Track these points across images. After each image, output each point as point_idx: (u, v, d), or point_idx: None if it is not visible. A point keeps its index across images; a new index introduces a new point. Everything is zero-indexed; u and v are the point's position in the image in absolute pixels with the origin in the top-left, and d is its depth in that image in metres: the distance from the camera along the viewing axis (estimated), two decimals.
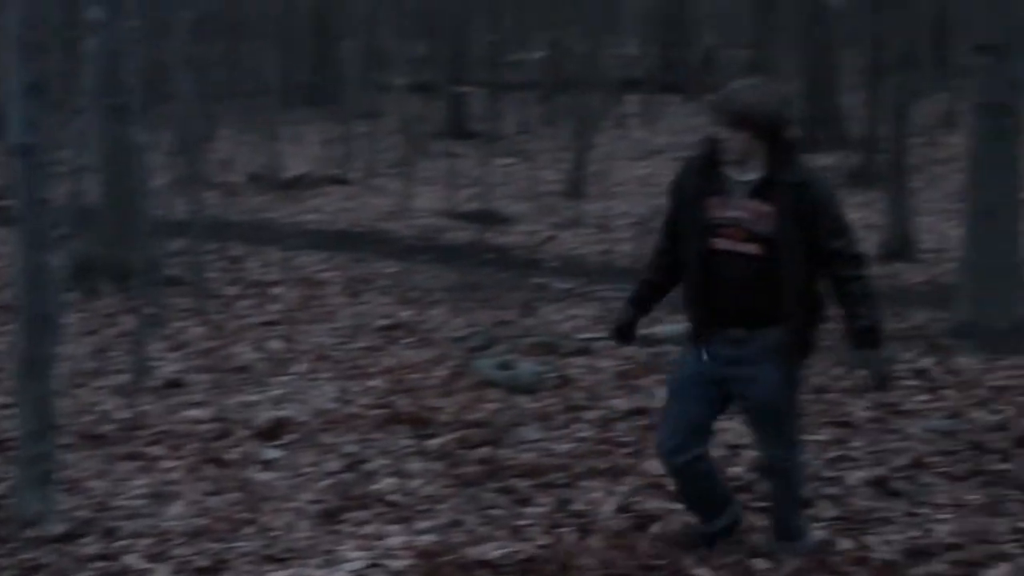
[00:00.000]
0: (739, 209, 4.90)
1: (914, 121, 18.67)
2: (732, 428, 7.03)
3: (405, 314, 10.99)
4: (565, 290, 12.41)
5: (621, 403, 7.72)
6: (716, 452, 6.59)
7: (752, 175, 4.90)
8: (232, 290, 11.88)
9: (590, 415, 7.52)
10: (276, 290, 11.83)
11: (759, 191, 4.88)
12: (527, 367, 8.42)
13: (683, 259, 5.10)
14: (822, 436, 6.82)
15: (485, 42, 28.83)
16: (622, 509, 5.84)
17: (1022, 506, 5.73)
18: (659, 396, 7.83)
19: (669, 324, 10.02)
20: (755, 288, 4.90)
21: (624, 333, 5.42)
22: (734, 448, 6.59)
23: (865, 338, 4.95)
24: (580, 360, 9.04)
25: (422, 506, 5.98)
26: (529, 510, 5.89)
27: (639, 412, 7.47)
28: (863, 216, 18.09)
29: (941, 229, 14.90)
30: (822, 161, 21.90)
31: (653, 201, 19.31)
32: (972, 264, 9.44)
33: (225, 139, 22.36)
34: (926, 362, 8.58)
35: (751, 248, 4.89)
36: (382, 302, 11.61)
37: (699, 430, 5.16)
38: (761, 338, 4.95)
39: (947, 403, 7.55)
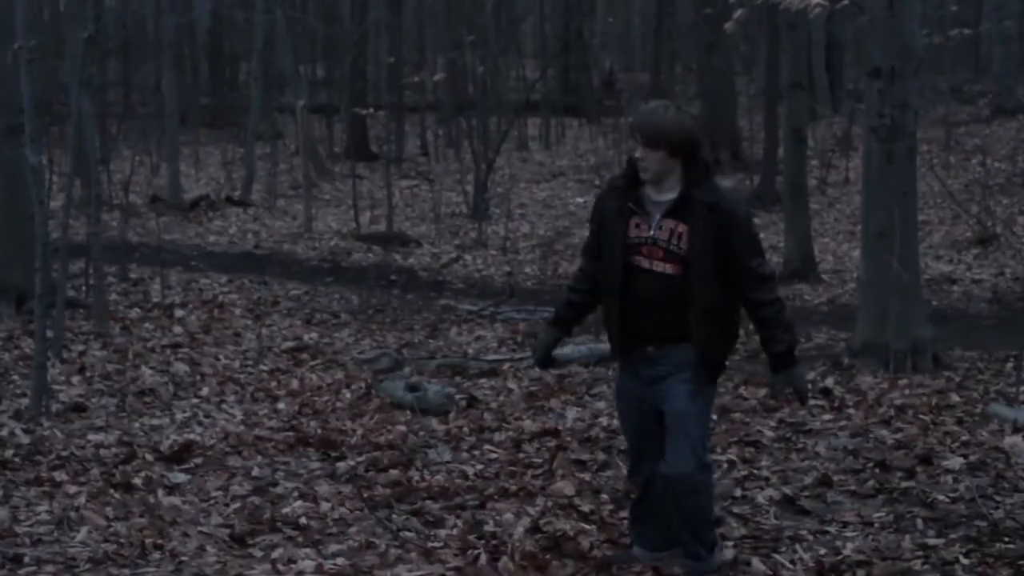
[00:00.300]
0: (656, 229, 4.95)
1: (811, 144, 18.99)
2: None
3: (311, 336, 10.93)
4: (471, 312, 12.42)
5: (530, 424, 7.74)
6: (625, 473, 6.65)
7: (669, 195, 4.95)
8: (134, 313, 11.72)
9: (500, 436, 7.53)
10: (180, 312, 11.70)
11: (674, 211, 4.93)
12: (435, 389, 8.41)
13: (603, 278, 5.13)
14: (730, 456, 6.90)
15: (385, 64, 28.79)
16: (533, 530, 5.84)
17: (927, 523, 5.82)
18: (569, 416, 7.90)
19: (575, 345, 10.11)
20: (670, 306, 4.94)
21: (547, 356, 5.44)
22: None
23: (783, 361, 5.01)
24: (488, 381, 9.06)
25: (332, 529, 5.94)
26: (441, 532, 5.87)
27: (549, 433, 7.49)
28: (763, 238, 18.36)
29: (841, 250, 15.15)
30: (722, 183, 22.17)
31: (556, 223, 19.45)
32: (870, 285, 9.59)
33: (124, 160, 22.08)
34: (830, 381, 8.71)
35: (667, 267, 4.94)
36: (288, 324, 11.54)
37: (648, 449, 5.17)
38: (674, 354, 4.99)
39: (851, 422, 7.67)
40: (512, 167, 24.76)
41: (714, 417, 5.31)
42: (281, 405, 8.43)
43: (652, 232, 4.96)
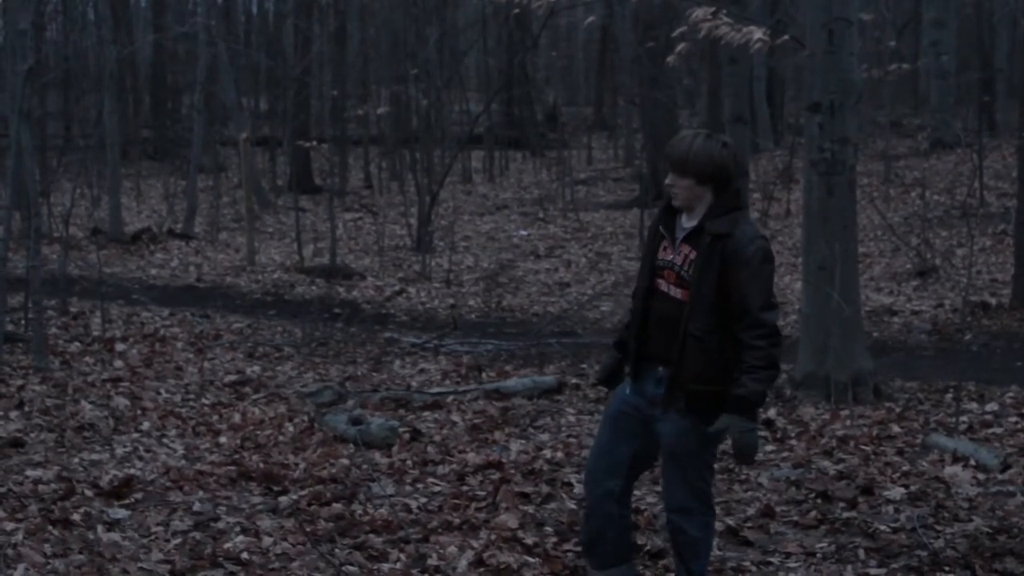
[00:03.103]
0: (675, 253, 4.98)
1: (753, 177, 19.14)
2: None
3: (254, 370, 10.86)
4: (415, 344, 12.39)
5: (474, 457, 7.72)
6: (569, 506, 6.65)
7: (695, 222, 4.97)
8: (74, 347, 11.61)
9: (443, 469, 7.51)
10: (120, 346, 11.59)
11: (690, 237, 4.95)
12: (378, 422, 8.37)
13: (634, 295, 5.19)
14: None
15: (329, 96, 28.80)
16: (477, 563, 5.83)
17: (868, 553, 5.86)
18: (513, 449, 7.89)
19: (517, 378, 10.12)
20: (677, 330, 4.93)
21: (611, 378, 5.32)
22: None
23: (735, 405, 4.82)
24: (432, 414, 9.03)
25: (275, 564, 5.89)
26: (384, 566, 5.84)
27: (492, 466, 7.48)
28: None
29: (783, 282, 15.25)
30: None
31: (500, 255, 19.47)
32: (811, 317, 9.66)
33: (65, 193, 21.90)
34: (772, 413, 8.76)
35: (678, 292, 4.95)
36: (230, 358, 11.46)
37: (616, 465, 5.12)
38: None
39: (794, 453, 7.72)
40: (456, 200, 24.79)
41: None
42: (223, 439, 8.36)
43: (672, 256, 4.98)
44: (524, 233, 22.00)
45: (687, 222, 4.99)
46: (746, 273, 4.79)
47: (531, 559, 5.83)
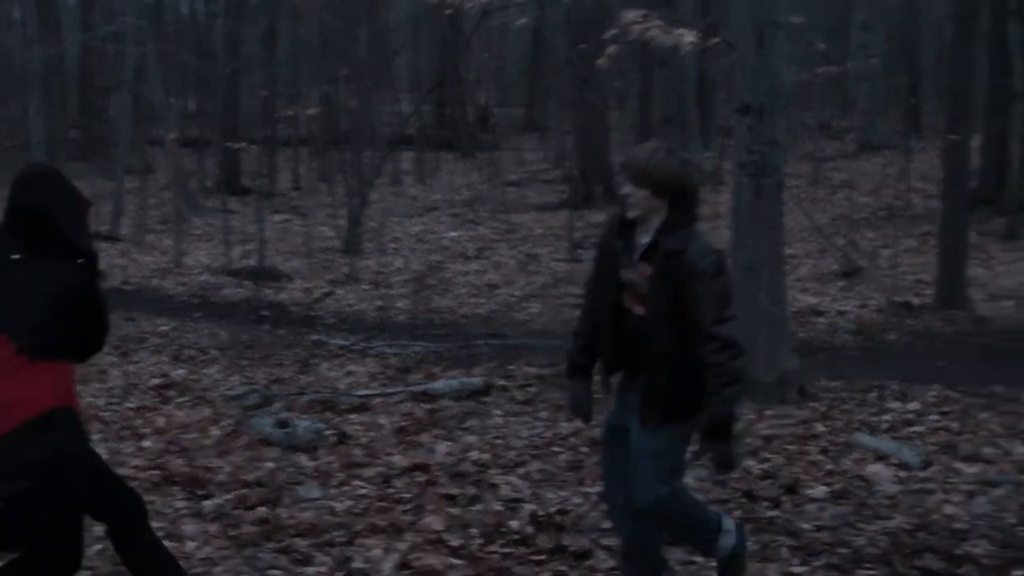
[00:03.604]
0: (634, 270, 4.97)
1: None
2: (510, 482, 7.11)
3: (179, 373, 10.76)
4: (342, 347, 12.34)
5: (400, 459, 7.69)
6: (495, 507, 6.65)
7: (649, 236, 4.95)
8: None
9: (369, 472, 7.47)
10: None
11: (646, 254, 4.94)
12: (305, 425, 8.32)
13: (600, 312, 5.13)
14: (600, 487, 6.91)
15: (258, 97, 28.64)
16: (402, 566, 5.81)
17: (792, 551, 5.90)
18: (439, 451, 7.87)
19: (445, 380, 10.10)
20: (645, 349, 4.95)
21: (587, 409, 5.32)
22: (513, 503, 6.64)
23: (711, 432, 4.86)
24: (359, 417, 8.99)
25: (199, 569, 5.84)
26: (309, 570, 5.81)
27: (419, 468, 7.46)
28: None
29: None
30: (595, 218, 22.40)
31: (429, 257, 19.45)
32: (739, 317, 9.68)
33: None
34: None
35: (640, 309, 4.96)
36: (155, 361, 11.36)
37: (622, 482, 5.14)
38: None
39: None
40: (386, 201, 24.73)
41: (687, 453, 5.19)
42: (147, 443, 8.28)
43: (632, 275, 4.97)
44: (454, 235, 21.98)
45: (643, 237, 4.97)
46: (699, 288, 4.80)
47: (457, 561, 5.82)
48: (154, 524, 6.43)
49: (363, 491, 7.10)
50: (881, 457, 7.49)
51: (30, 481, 4.35)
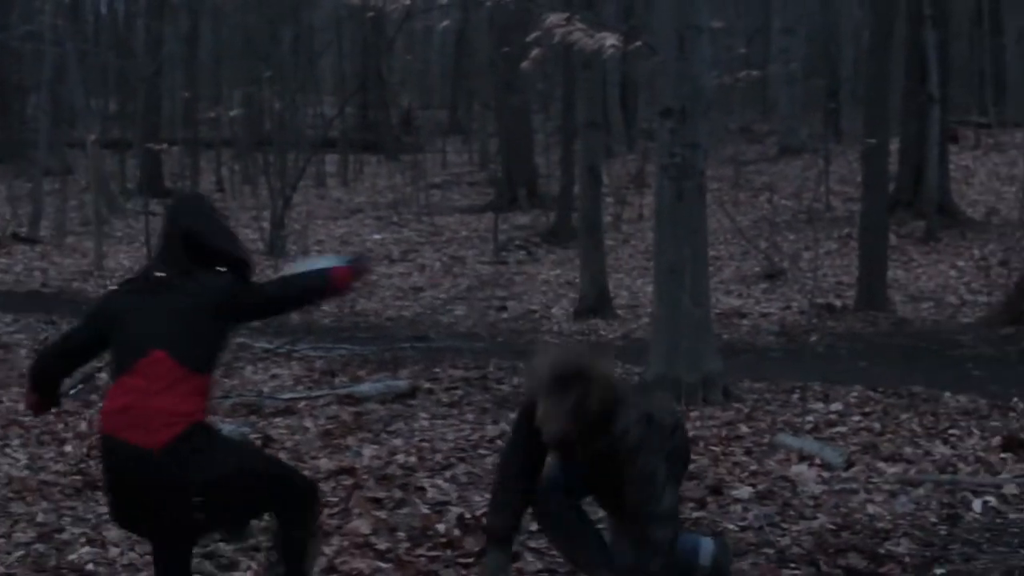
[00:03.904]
0: None
1: (606, 181, 19.32)
2: (437, 485, 7.10)
3: (101, 376, 10.63)
4: (267, 349, 12.26)
5: (327, 462, 7.65)
6: (422, 510, 6.64)
7: None
8: None
9: None
10: None
11: None
12: (229, 428, 8.24)
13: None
14: None
15: (180, 98, 28.40)
16: (329, 570, 5.76)
17: None
18: (365, 454, 7.85)
19: (370, 383, 10.07)
20: None
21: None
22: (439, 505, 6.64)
23: None
24: (284, 420, 8.94)
25: (121, 574, 5.78)
26: (235, 574, 5.76)
27: (345, 471, 7.42)
28: (560, 274, 18.62)
29: (636, 285, 15.43)
30: (519, 220, 22.45)
31: None
32: (662, 320, 9.76)
33: None
34: None
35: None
36: None
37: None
38: None
39: None
40: (309, 203, 24.61)
41: None
42: (68, 448, 8.17)
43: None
44: (378, 237, 21.93)
45: None
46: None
47: (384, 565, 5.79)
48: (76, 530, 6.38)
49: None
50: (804, 457, 7.56)
51: (196, 494, 4.47)
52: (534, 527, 6.23)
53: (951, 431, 8.34)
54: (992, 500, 6.69)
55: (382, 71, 33.19)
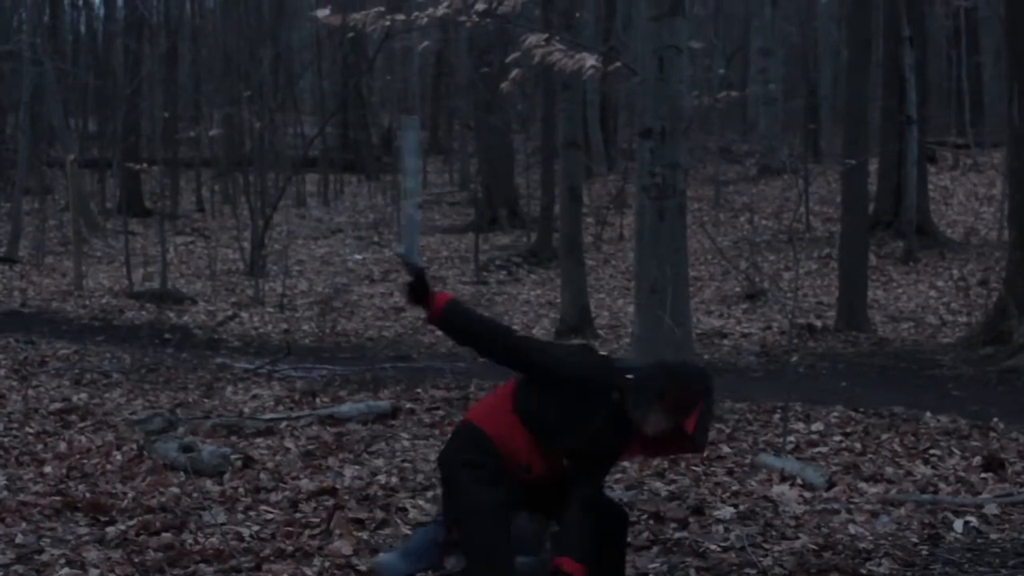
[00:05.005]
0: None
1: (587, 201, 19.37)
2: (418, 506, 7.08)
3: (80, 397, 10.60)
4: (247, 370, 12.23)
5: (308, 483, 7.63)
6: (404, 531, 6.61)
7: None
8: None
9: (276, 496, 7.40)
10: None
11: None
12: (210, 449, 8.22)
13: None
14: None
15: (160, 118, 28.36)
16: None
17: (699, 572, 5.94)
18: (347, 475, 7.83)
19: (352, 403, 10.05)
20: None
21: None
22: None
23: None
24: (265, 441, 8.91)
25: None
26: None
27: (326, 492, 7.40)
28: (540, 294, 18.64)
29: (617, 305, 15.45)
30: (500, 240, 22.47)
31: (334, 279, 19.36)
32: (643, 339, 9.76)
33: None
34: None
35: None
36: (56, 385, 11.17)
37: None
38: None
39: (626, 474, 7.79)
40: (290, 223, 24.58)
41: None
42: (48, 469, 8.13)
43: None
44: (359, 257, 21.91)
45: None
46: None
47: None
48: (55, 551, 6.35)
49: (270, 516, 7.03)
50: (786, 478, 7.57)
51: None
52: None
53: (932, 451, 8.36)
54: (973, 520, 6.71)
55: (362, 91, 33.20)
